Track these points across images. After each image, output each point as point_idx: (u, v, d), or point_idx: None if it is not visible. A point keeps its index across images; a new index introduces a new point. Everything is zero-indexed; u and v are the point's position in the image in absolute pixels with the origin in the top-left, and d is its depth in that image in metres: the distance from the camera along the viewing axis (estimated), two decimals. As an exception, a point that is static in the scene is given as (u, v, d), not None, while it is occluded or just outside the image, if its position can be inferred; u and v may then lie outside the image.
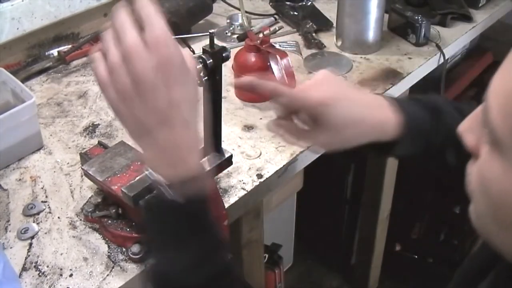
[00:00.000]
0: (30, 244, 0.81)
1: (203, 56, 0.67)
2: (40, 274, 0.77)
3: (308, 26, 1.29)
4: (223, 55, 0.69)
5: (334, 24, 1.31)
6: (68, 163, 0.96)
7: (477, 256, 0.64)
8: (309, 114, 0.69)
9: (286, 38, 1.31)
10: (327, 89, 0.69)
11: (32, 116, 0.95)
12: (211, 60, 0.68)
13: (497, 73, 0.44)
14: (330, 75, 0.72)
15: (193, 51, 1.26)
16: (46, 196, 0.90)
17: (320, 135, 0.69)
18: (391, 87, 1.13)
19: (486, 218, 0.48)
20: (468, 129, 0.49)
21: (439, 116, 0.71)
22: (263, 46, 1.04)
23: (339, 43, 1.27)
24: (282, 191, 1.10)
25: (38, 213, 0.86)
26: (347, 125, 0.68)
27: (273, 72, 1.05)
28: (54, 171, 0.95)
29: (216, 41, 0.67)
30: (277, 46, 1.13)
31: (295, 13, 1.37)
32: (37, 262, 0.79)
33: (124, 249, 0.80)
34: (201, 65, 0.67)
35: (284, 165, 0.94)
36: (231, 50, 0.74)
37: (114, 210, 0.82)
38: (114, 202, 0.83)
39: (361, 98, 0.71)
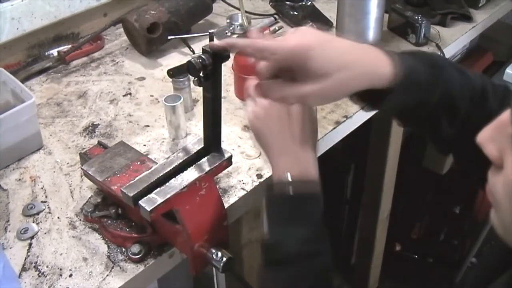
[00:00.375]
0: (30, 244, 0.81)
1: (203, 56, 0.67)
2: (40, 274, 0.77)
3: (308, 26, 1.29)
4: (223, 55, 0.69)
5: (334, 24, 1.31)
6: (68, 163, 0.96)
7: (489, 257, 0.64)
8: (295, 66, 0.65)
9: (286, 38, 1.31)
10: (310, 37, 0.65)
11: (32, 116, 0.95)
12: (211, 60, 0.67)
13: None
14: (312, 28, 0.67)
15: (193, 51, 1.26)
16: (46, 196, 0.90)
17: (311, 84, 0.64)
18: (391, 87, 1.13)
19: None
20: (489, 138, 0.47)
21: (438, 73, 0.67)
22: (263, 46, 1.04)
23: (339, 43, 1.27)
24: (282, 191, 1.10)
25: (37, 213, 0.86)
26: (339, 67, 0.64)
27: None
28: (54, 171, 0.95)
29: (216, 41, 0.67)
30: (277, 46, 1.13)
31: (295, 13, 1.37)
32: (36, 262, 0.79)
33: (123, 249, 0.80)
34: (201, 65, 0.67)
35: (284, 165, 0.94)
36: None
37: (113, 210, 0.82)
38: (114, 202, 0.83)
39: (352, 42, 0.67)
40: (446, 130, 0.70)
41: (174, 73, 1.03)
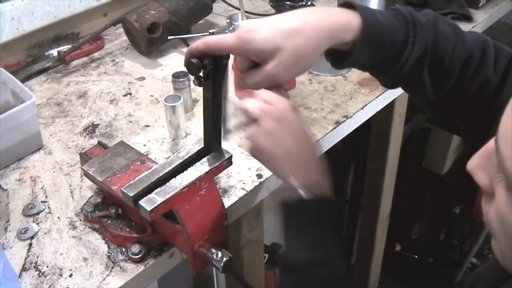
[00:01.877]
0: (30, 244, 0.81)
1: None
2: (40, 274, 0.77)
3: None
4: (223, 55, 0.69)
5: (334, 24, 1.30)
6: (68, 163, 0.96)
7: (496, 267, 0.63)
8: (246, 54, 0.67)
9: (286, 38, 1.31)
10: (248, 23, 0.67)
11: (32, 116, 0.95)
12: (211, 60, 0.67)
13: (504, 118, 0.42)
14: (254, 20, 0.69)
15: (193, 51, 1.26)
16: (46, 196, 0.90)
17: (270, 62, 0.65)
18: (391, 87, 1.13)
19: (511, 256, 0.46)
20: (479, 167, 0.46)
21: (413, 30, 0.67)
22: (263, 46, 1.04)
23: (339, 43, 1.27)
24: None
25: (38, 213, 0.86)
26: (286, 36, 0.64)
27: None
28: (54, 171, 0.95)
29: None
30: (277, 46, 1.13)
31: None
32: (37, 262, 0.79)
33: (124, 249, 0.80)
34: (200, 65, 0.67)
35: (284, 165, 0.94)
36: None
37: (114, 210, 0.82)
38: (114, 202, 0.83)
39: (304, 10, 0.67)
40: (432, 90, 0.69)
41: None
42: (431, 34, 0.67)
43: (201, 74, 0.69)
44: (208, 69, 0.68)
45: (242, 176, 0.92)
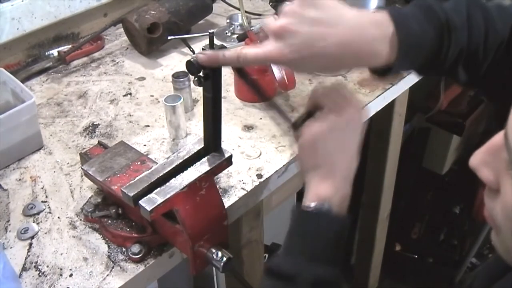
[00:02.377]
0: (30, 244, 0.81)
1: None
2: (40, 274, 0.77)
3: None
4: None
5: (334, 24, 1.30)
6: (68, 163, 0.96)
7: (492, 265, 0.63)
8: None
9: (286, 38, 1.31)
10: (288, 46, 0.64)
11: (32, 116, 0.95)
12: None
13: None
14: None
15: (193, 51, 1.26)
16: (46, 196, 0.90)
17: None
18: (391, 87, 1.13)
19: None
20: (483, 163, 0.46)
21: (450, 33, 0.65)
22: (263, 46, 1.04)
23: (339, 43, 1.27)
24: (282, 191, 1.10)
25: (38, 213, 0.87)
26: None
27: (272, 72, 1.05)
28: (54, 171, 0.95)
29: (216, 41, 0.68)
30: (277, 46, 1.13)
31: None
32: (37, 262, 0.79)
33: (124, 249, 0.80)
34: (200, 64, 0.67)
35: (284, 165, 0.94)
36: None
37: (114, 210, 0.82)
38: (114, 202, 0.83)
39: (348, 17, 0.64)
40: (463, 79, 0.69)
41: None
42: (465, 36, 0.66)
43: (201, 74, 0.68)
44: (208, 69, 0.68)
45: (242, 176, 0.92)
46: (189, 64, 0.67)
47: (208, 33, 0.68)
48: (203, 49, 0.69)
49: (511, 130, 0.42)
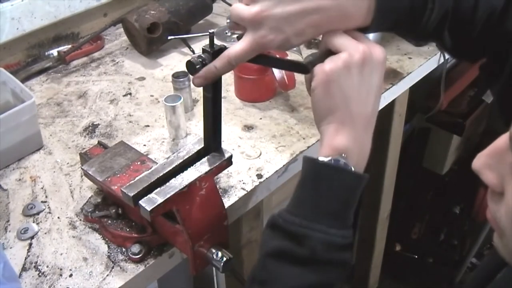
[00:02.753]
0: (30, 244, 0.81)
1: (203, 56, 0.67)
2: (40, 274, 0.77)
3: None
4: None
5: (334, 24, 1.30)
6: (68, 163, 0.96)
7: (490, 260, 0.62)
8: None
9: (286, 38, 1.31)
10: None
11: (32, 116, 0.95)
12: (211, 60, 0.67)
13: None
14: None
15: (193, 51, 1.26)
16: (46, 196, 0.90)
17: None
18: (391, 87, 1.13)
19: None
20: (486, 165, 0.45)
21: None
22: (263, 46, 1.04)
23: (339, 43, 1.27)
24: (282, 191, 1.10)
25: (38, 213, 0.86)
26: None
27: (273, 72, 1.05)
28: (54, 171, 0.95)
29: (216, 41, 0.67)
30: (277, 46, 1.13)
31: None
32: (37, 262, 0.79)
33: (124, 249, 0.80)
34: (200, 64, 0.67)
35: (284, 165, 0.94)
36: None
37: (114, 210, 0.82)
38: (114, 202, 0.83)
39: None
40: (452, 45, 0.68)
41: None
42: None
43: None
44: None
45: (242, 176, 0.92)
46: (189, 64, 0.67)
47: (208, 33, 0.67)
48: (203, 49, 0.68)
49: None
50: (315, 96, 0.66)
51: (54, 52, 1.25)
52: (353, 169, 0.63)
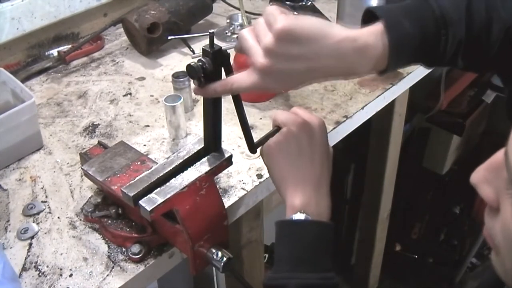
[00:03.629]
0: (30, 244, 0.81)
1: (203, 60, 0.67)
2: (40, 274, 0.77)
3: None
4: (224, 57, 0.69)
5: (334, 24, 1.30)
6: (68, 163, 0.96)
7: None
8: None
9: (286, 38, 1.31)
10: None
11: (32, 116, 0.95)
12: (211, 63, 0.67)
13: None
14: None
15: (193, 51, 1.26)
16: (46, 196, 0.90)
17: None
18: (391, 87, 1.13)
19: None
20: (484, 180, 0.45)
21: (447, 29, 0.65)
22: (263, 46, 1.04)
23: (339, 43, 1.27)
24: (282, 191, 1.11)
25: (38, 213, 0.86)
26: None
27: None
28: (54, 171, 0.95)
29: (216, 41, 0.67)
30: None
31: (295, 13, 1.37)
32: (37, 262, 0.79)
33: (124, 249, 0.80)
34: (201, 69, 0.67)
35: (284, 165, 0.94)
36: (231, 49, 0.74)
37: (114, 210, 0.82)
38: (114, 202, 0.83)
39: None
40: (461, 66, 0.69)
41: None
42: (463, 29, 0.65)
43: (201, 75, 0.68)
44: (208, 70, 0.68)
45: (242, 176, 0.92)
46: (189, 68, 0.67)
47: (208, 33, 0.68)
48: (203, 49, 0.68)
49: (511, 147, 0.41)
50: (268, 168, 0.76)
51: (54, 52, 1.25)
52: (312, 219, 0.70)
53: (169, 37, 1.24)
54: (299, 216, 0.69)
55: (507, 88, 0.74)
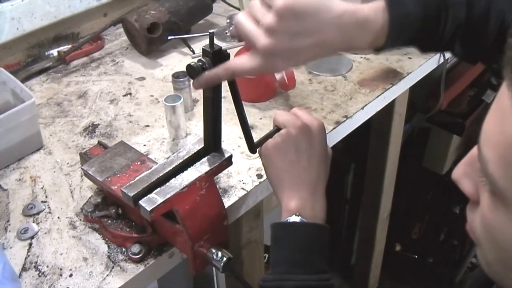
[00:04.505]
0: (30, 244, 0.81)
1: (203, 60, 0.67)
2: (40, 274, 0.77)
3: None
4: (223, 57, 0.69)
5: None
6: (68, 163, 0.96)
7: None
8: None
9: (286, 38, 1.31)
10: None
11: (32, 116, 0.95)
12: (211, 63, 0.67)
13: (487, 120, 0.41)
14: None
15: (193, 51, 1.26)
16: (46, 196, 0.90)
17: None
18: (391, 87, 1.13)
19: (497, 265, 0.44)
20: (464, 175, 0.46)
21: (447, 10, 0.65)
22: (263, 46, 1.04)
23: (339, 43, 1.27)
24: (282, 191, 1.11)
25: (38, 213, 0.86)
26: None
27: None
28: (54, 171, 0.95)
29: (216, 41, 0.67)
30: (277, 46, 1.13)
31: None
32: (37, 262, 0.79)
33: (124, 249, 0.80)
34: (201, 68, 0.67)
35: (284, 165, 0.94)
36: (231, 50, 0.74)
37: (114, 210, 0.82)
38: (114, 202, 0.83)
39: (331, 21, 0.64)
40: (460, 53, 0.69)
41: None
42: (463, 12, 0.66)
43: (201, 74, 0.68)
44: (208, 70, 0.68)
45: (242, 176, 0.92)
46: (189, 68, 0.67)
47: (208, 33, 0.68)
48: (203, 49, 0.68)
49: (483, 139, 0.41)
50: (265, 170, 0.77)
51: (54, 52, 1.25)
52: (307, 221, 0.70)
53: (169, 37, 1.24)
54: (294, 218, 0.70)
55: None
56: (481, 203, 0.43)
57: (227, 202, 0.86)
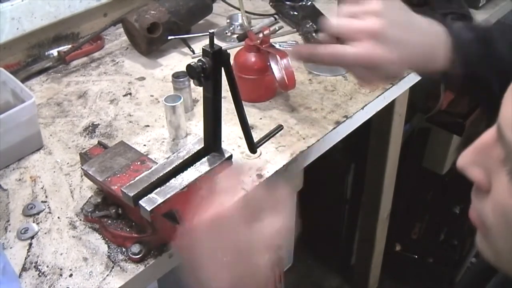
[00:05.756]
0: (30, 244, 0.81)
1: (203, 59, 0.67)
2: (40, 274, 0.77)
3: (308, 26, 1.29)
4: (223, 57, 0.69)
5: (334, 24, 1.30)
6: (68, 163, 0.96)
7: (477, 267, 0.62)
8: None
9: (286, 38, 1.31)
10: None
11: (32, 116, 0.95)
12: (211, 63, 0.67)
13: (506, 106, 0.40)
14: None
15: (193, 51, 1.26)
16: (46, 196, 0.90)
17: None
18: (391, 87, 1.13)
19: (508, 253, 0.44)
20: (472, 162, 0.45)
21: (490, 46, 0.67)
22: (263, 46, 1.04)
23: (339, 43, 1.27)
24: (282, 191, 1.10)
25: (38, 213, 0.86)
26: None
27: (273, 72, 1.05)
28: (54, 171, 0.95)
29: (216, 41, 0.68)
30: (277, 46, 1.13)
31: (295, 13, 1.37)
32: (37, 262, 0.79)
33: (124, 249, 0.80)
34: (201, 68, 0.67)
35: (284, 165, 0.94)
36: (231, 50, 0.74)
37: (114, 210, 0.82)
38: (114, 202, 0.83)
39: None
40: (497, 91, 0.69)
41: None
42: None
43: (202, 74, 0.69)
44: (208, 70, 0.68)
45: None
46: (189, 68, 0.67)
47: (208, 33, 0.68)
48: (203, 49, 0.68)
49: (504, 122, 0.41)
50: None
51: (54, 52, 1.25)
52: None
53: (169, 37, 1.24)
54: None
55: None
56: (495, 190, 0.43)
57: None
